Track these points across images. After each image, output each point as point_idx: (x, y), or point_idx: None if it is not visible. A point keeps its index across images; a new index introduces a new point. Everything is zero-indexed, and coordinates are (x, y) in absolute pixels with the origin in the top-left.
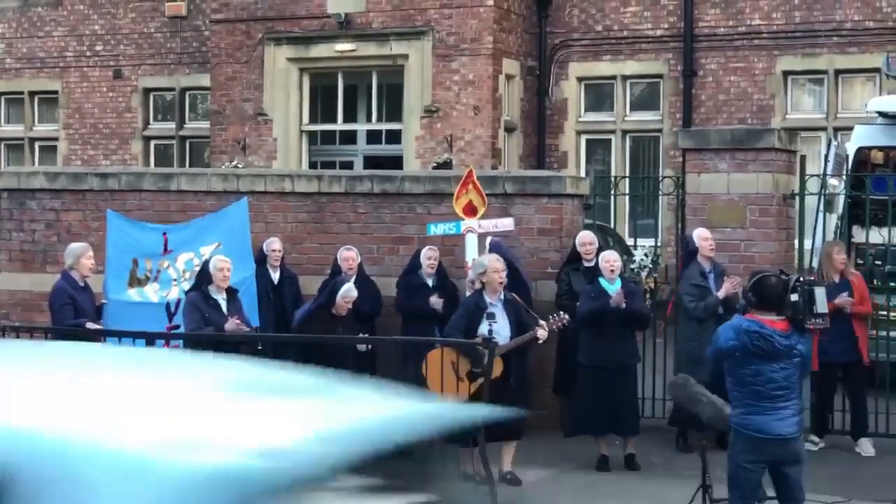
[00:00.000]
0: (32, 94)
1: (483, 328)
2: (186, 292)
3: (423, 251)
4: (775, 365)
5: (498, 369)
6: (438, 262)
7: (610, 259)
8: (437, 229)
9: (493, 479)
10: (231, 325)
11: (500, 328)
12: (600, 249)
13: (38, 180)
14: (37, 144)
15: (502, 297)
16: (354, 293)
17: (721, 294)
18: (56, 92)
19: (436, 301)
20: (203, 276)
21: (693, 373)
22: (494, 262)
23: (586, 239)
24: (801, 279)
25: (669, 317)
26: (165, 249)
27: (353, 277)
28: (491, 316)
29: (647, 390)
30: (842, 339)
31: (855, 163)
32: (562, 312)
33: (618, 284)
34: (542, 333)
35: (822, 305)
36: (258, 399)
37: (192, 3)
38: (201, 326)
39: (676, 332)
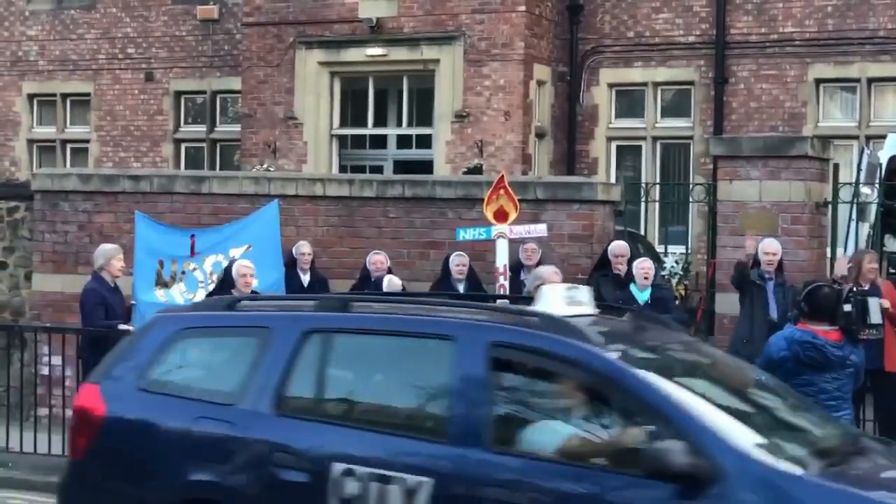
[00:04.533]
0: (65, 96)
1: None
2: (208, 295)
3: (452, 258)
4: (827, 375)
5: None
6: (470, 268)
7: (645, 266)
8: (466, 234)
9: None
10: None
11: None
12: (632, 257)
13: (70, 182)
14: (68, 146)
15: None
16: (398, 281)
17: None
18: (88, 94)
19: None
20: (226, 281)
21: None
22: (552, 275)
23: (620, 251)
24: (855, 289)
25: (699, 324)
26: (192, 252)
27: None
28: None
29: None
30: (869, 346)
31: (888, 171)
32: None
33: (648, 292)
34: None
35: (875, 315)
36: None
37: (223, 6)
38: None
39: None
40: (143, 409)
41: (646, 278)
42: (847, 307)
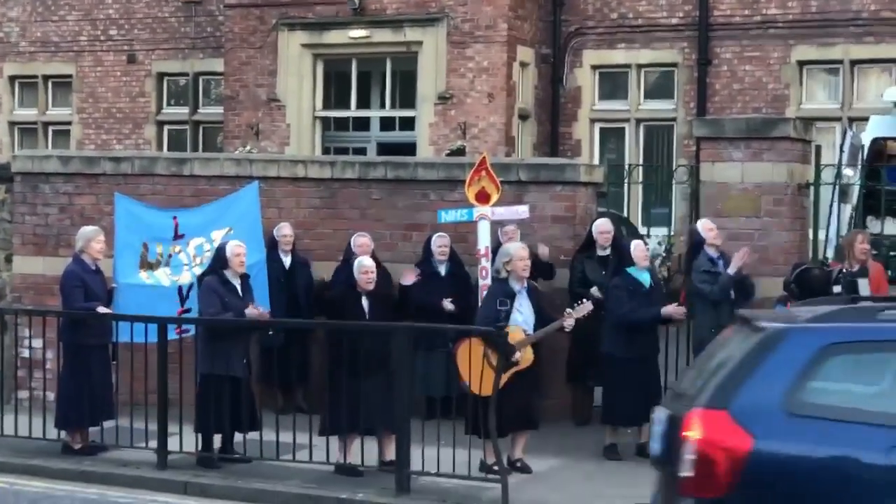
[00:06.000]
0: (46, 77)
1: (514, 317)
2: (201, 276)
3: (433, 239)
4: None
5: (529, 358)
6: (451, 250)
7: (643, 248)
8: (447, 216)
9: (505, 469)
10: (252, 311)
11: (526, 317)
12: (616, 239)
13: (51, 164)
14: (50, 128)
15: (526, 285)
16: (368, 262)
17: (732, 270)
18: (70, 76)
19: (448, 305)
20: (218, 261)
21: None
22: (520, 251)
23: (605, 227)
24: (844, 271)
25: (683, 305)
26: (176, 234)
27: None
28: (518, 304)
29: (662, 379)
30: None
31: (870, 153)
32: (584, 300)
33: (647, 274)
34: (569, 322)
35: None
36: None
37: None
38: (220, 311)
39: (692, 322)
40: (806, 439)
41: (645, 259)
42: (837, 288)
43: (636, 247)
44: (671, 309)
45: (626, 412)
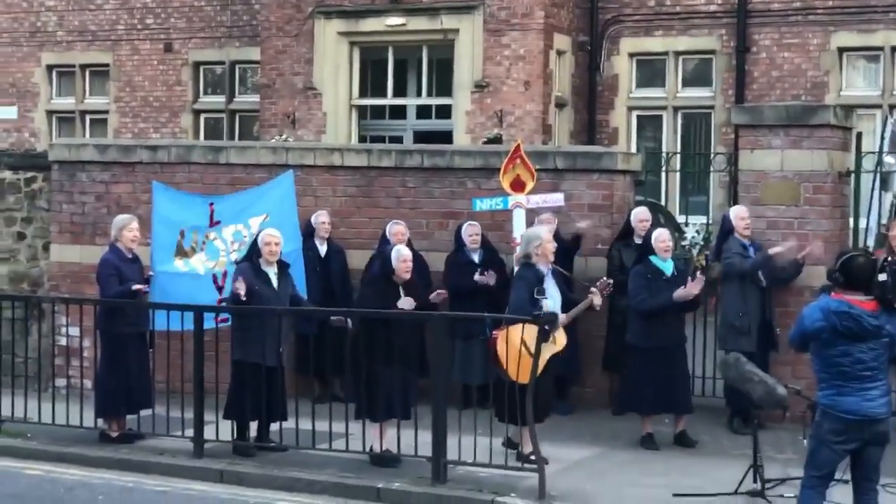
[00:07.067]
0: (84, 66)
1: (547, 302)
2: (237, 262)
3: (464, 228)
4: (863, 345)
5: (562, 342)
6: (483, 238)
7: (665, 238)
8: (482, 204)
9: (542, 458)
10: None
11: (555, 300)
12: (652, 227)
13: (88, 152)
14: (87, 117)
15: (550, 268)
16: (406, 251)
17: (773, 250)
18: (107, 65)
19: (479, 277)
20: (254, 249)
21: (738, 344)
22: (547, 234)
23: (643, 216)
24: (890, 259)
25: (720, 293)
26: (212, 221)
27: None
28: (546, 288)
29: (698, 369)
30: None
31: None
32: (605, 278)
33: (671, 264)
34: (597, 300)
35: None
36: None
37: None
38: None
39: (721, 305)
40: None
41: (666, 250)
42: (882, 276)
43: (657, 237)
44: (681, 292)
45: (641, 400)
